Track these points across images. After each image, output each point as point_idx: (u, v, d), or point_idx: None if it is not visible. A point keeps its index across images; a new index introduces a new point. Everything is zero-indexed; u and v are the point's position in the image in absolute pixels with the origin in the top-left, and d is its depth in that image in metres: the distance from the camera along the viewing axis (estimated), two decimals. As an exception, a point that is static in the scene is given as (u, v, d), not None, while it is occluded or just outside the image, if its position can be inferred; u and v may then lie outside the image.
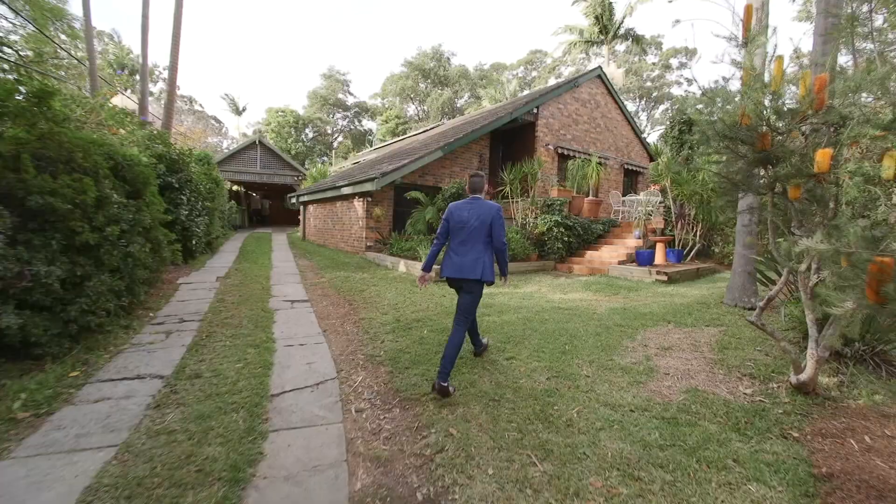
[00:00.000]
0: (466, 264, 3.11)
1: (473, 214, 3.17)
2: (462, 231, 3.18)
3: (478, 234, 3.14)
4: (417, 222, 8.82)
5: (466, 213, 3.19)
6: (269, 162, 19.14)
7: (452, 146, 9.75)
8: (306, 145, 39.97)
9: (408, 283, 6.84)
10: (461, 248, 3.17)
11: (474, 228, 3.13)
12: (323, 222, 12.66)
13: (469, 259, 3.11)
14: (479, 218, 3.14)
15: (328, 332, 4.52)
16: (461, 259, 3.14)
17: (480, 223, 3.14)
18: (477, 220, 3.14)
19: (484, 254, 3.13)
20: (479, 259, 3.11)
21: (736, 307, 5.20)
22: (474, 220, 3.14)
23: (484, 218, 3.14)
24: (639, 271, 7.50)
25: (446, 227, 3.29)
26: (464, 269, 3.12)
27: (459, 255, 3.16)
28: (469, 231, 3.15)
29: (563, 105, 12.20)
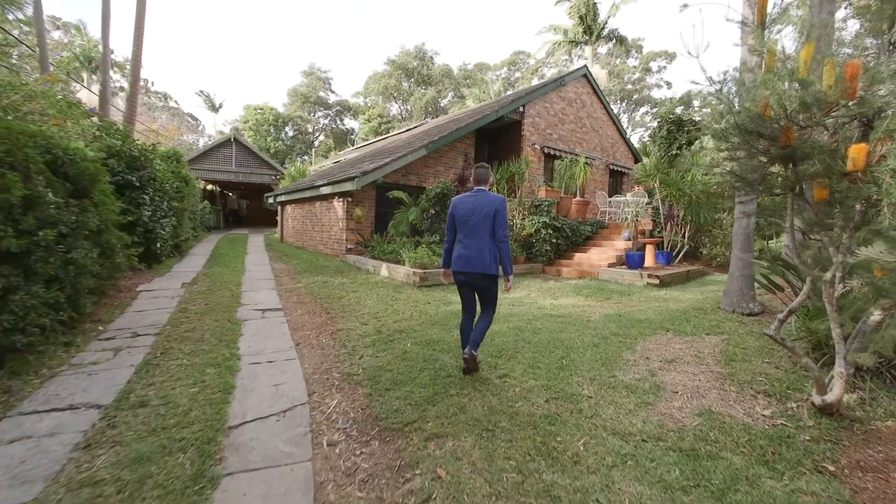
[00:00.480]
0: (473, 257, 3.10)
1: (477, 206, 3.13)
2: (466, 224, 3.16)
3: (482, 226, 3.11)
4: (400, 223, 8.42)
5: (470, 206, 3.16)
6: (245, 160, 18.36)
7: (437, 144, 9.38)
8: (286, 144, 38.97)
9: (390, 289, 6.44)
10: (467, 241, 3.15)
11: (478, 221, 3.11)
12: (301, 223, 12.12)
13: (475, 252, 3.10)
14: (483, 210, 3.11)
15: (301, 345, 4.09)
16: (468, 252, 3.12)
17: (484, 215, 3.10)
18: (480, 212, 3.11)
19: (490, 246, 3.11)
20: (484, 252, 3.08)
21: (734, 313, 4.99)
22: (478, 213, 3.11)
23: (487, 210, 3.10)
24: (629, 274, 7.28)
25: (452, 221, 3.29)
26: (471, 263, 3.10)
27: (466, 249, 3.14)
28: (473, 224, 3.12)
29: (550, 104, 11.98)
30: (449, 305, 5.52)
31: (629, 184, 15.67)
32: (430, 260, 6.99)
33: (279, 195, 13.01)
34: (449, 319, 4.80)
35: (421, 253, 7.07)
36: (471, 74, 44.08)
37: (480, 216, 3.11)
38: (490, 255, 3.10)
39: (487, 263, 3.08)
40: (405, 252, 7.35)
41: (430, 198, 8.21)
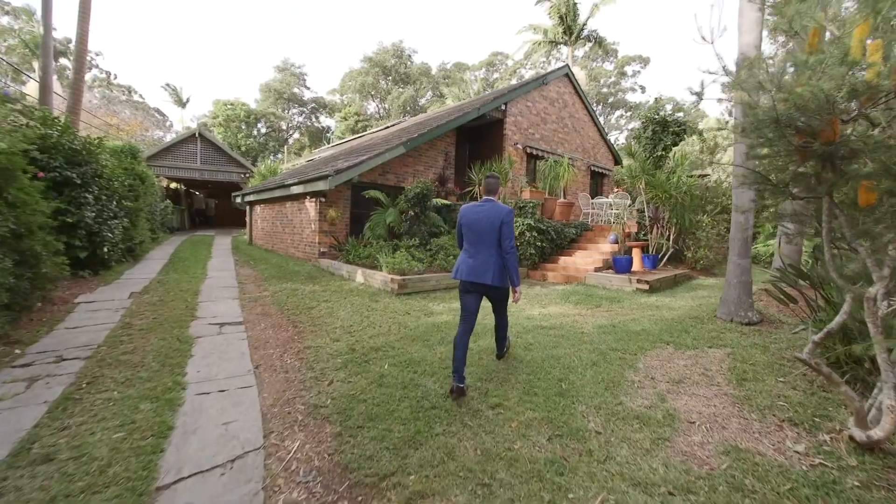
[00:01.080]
0: (478, 267, 3.11)
1: (483, 217, 3.14)
2: (473, 233, 3.18)
3: (488, 237, 3.11)
4: (377, 226, 7.89)
5: (477, 216, 3.17)
6: (212, 157, 17.29)
7: (416, 142, 8.90)
8: (259, 142, 37.55)
9: (366, 298, 5.92)
10: (473, 251, 3.18)
11: (484, 231, 3.11)
12: (271, 225, 11.39)
13: (480, 262, 3.11)
14: (489, 220, 3.11)
15: (262, 368, 3.55)
16: (474, 262, 3.14)
17: (490, 226, 3.10)
18: (487, 222, 3.11)
19: (495, 257, 3.12)
20: (490, 263, 3.09)
21: (732, 322, 4.73)
22: (484, 223, 3.12)
23: (493, 220, 3.10)
24: (617, 279, 7.00)
25: (460, 230, 3.32)
26: (476, 272, 3.11)
27: (473, 258, 3.16)
28: (479, 234, 3.14)
29: (532, 103, 11.69)
30: (430, 316, 5.06)
31: (609, 185, 15.61)
32: (409, 265, 6.50)
33: (247, 194, 12.21)
34: (431, 334, 4.34)
35: (399, 258, 6.58)
36: (450, 74, 43.71)
37: (487, 226, 3.10)
38: (496, 267, 3.10)
39: (492, 276, 3.08)
40: (382, 257, 6.84)
41: (409, 198, 7.71)
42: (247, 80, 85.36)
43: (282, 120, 42.10)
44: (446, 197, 10.13)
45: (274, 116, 39.51)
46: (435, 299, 6.00)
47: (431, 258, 7.24)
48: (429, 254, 7.34)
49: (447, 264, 6.93)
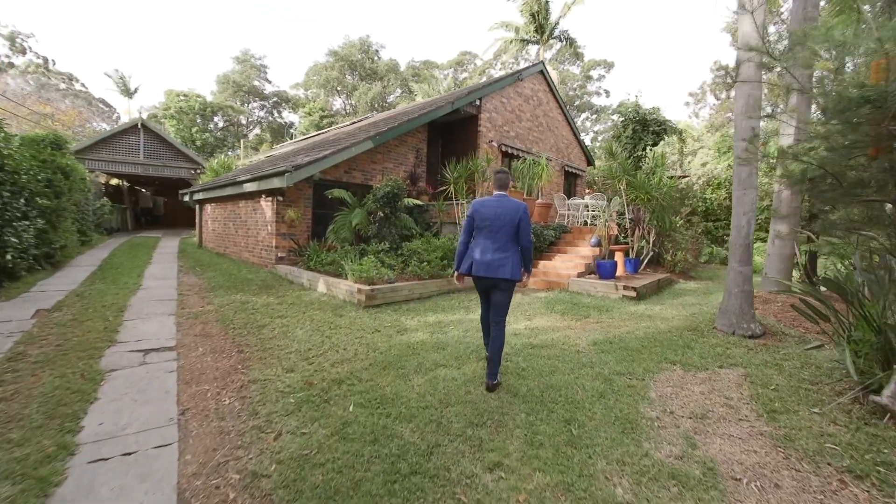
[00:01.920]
0: (495, 263, 3.08)
1: (500, 212, 3.13)
2: (488, 229, 3.15)
3: (506, 231, 3.11)
4: (341, 228, 7.10)
5: (493, 211, 3.15)
6: (158, 150, 15.65)
7: (385, 136, 8.17)
8: (215, 136, 35.28)
9: (328, 311, 5.16)
10: (489, 246, 3.13)
11: (502, 226, 3.11)
12: (223, 226, 10.29)
13: (498, 257, 3.09)
14: (507, 216, 3.11)
15: (191, 414, 2.77)
16: (491, 257, 3.10)
17: (509, 221, 3.10)
18: (504, 217, 3.11)
19: (513, 252, 3.13)
20: (508, 257, 3.10)
21: (734, 335, 4.35)
22: (502, 218, 3.11)
23: (512, 216, 3.11)
24: (602, 286, 6.58)
25: (471, 224, 3.27)
26: (492, 268, 3.09)
27: (489, 253, 3.12)
28: (496, 229, 3.12)
29: (507, 99, 11.21)
30: (404, 334, 4.38)
31: (583, 186, 15.45)
32: (378, 273, 5.79)
33: (196, 192, 11.00)
34: (405, 358, 3.67)
35: (367, 264, 5.85)
36: (419, 72, 42.96)
37: (505, 222, 3.10)
38: (513, 260, 3.11)
39: (510, 269, 3.08)
40: (347, 263, 6.08)
41: (377, 198, 6.98)
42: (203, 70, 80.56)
43: (241, 114, 39.86)
44: (418, 197, 9.46)
45: (232, 110, 37.27)
46: (408, 312, 5.32)
47: (403, 264, 6.56)
48: (400, 260, 6.65)
49: (421, 271, 6.26)
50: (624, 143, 8.84)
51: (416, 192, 9.56)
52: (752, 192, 4.36)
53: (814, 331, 4.46)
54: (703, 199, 12.21)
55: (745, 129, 4.37)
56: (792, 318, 4.86)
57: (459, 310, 5.57)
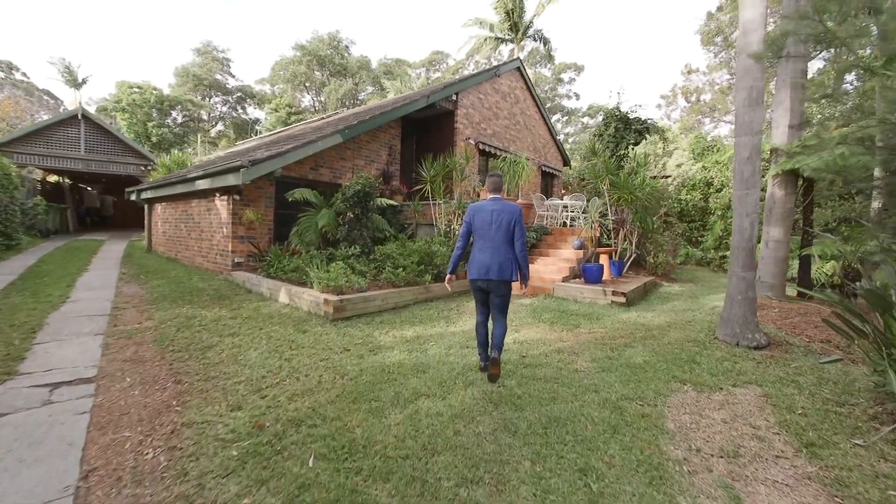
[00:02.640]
0: (493, 266, 3.13)
1: (496, 215, 3.18)
2: (486, 232, 3.19)
3: (503, 235, 3.16)
4: (306, 231, 6.41)
5: (489, 215, 3.20)
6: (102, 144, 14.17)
7: (356, 130, 7.53)
8: (173, 132, 33.15)
9: (289, 327, 4.50)
10: (487, 248, 3.18)
11: (498, 230, 3.16)
12: (175, 228, 9.31)
13: (496, 261, 3.13)
14: (503, 219, 3.16)
15: (96, 478, 2.12)
16: (489, 260, 3.14)
17: (505, 225, 3.15)
18: (500, 221, 3.16)
19: (510, 255, 3.17)
20: (506, 260, 3.14)
21: (739, 346, 4.03)
22: (497, 222, 3.16)
23: (508, 220, 3.16)
24: (590, 291, 6.21)
25: (468, 229, 3.33)
26: (491, 271, 3.13)
27: (486, 256, 3.16)
28: (493, 232, 3.17)
29: (484, 95, 10.77)
30: (377, 354, 3.80)
31: (559, 186, 15.25)
32: (347, 281, 5.16)
33: (144, 190, 9.92)
34: (380, 386, 3.10)
35: (335, 271, 5.21)
36: (391, 69, 42.13)
37: (501, 226, 3.15)
38: (510, 263, 3.15)
39: (508, 271, 3.14)
40: (313, 270, 5.43)
41: (346, 197, 6.33)
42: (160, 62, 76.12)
43: (202, 109, 37.74)
44: (391, 196, 8.86)
45: (192, 104, 35.14)
46: (382, 325, 4.73)
47: (376, 271, 5.95)
48: (373, 265, 6.04)
49: (396, 278, 5.67)
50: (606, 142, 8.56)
51: (389, 191, 8.95)
52: (755, 191, 4.05)
53: (817, 339, 4.21)
54: (677, 201, 12.20)
55: (747, 123, 4.05)
56: (791, 325, 4.61)
57: (439, 321, 5.03)
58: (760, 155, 4.05)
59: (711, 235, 10.54)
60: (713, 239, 10.59)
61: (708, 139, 13.35)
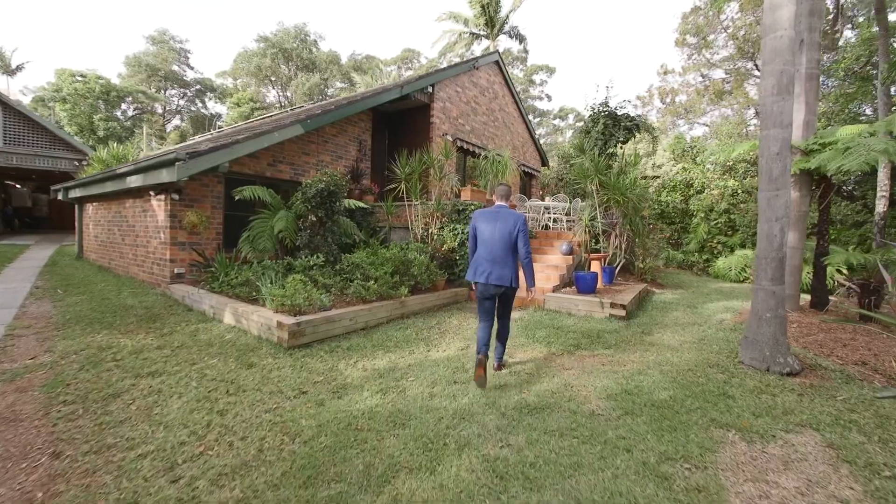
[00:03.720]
0: (495, 272, 3.23)
1: (499, 224, 3.27)
2: (491, 239, 3.27)
3: (505, 242, 3.24)
4: (259, 237, 5.47)
5: (492, 224, 3.30)
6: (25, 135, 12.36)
7: (320, 121, 6.64)
8: (123, 125, 30.65)
9: (233, 359, 3.61)
10: (490, 256, 3.27)
11: (500, 238, 3.24)
12: (108, 232, 8.05)
13: (498, 267, 3.23)
14: (506, 227, 3.25)
15: None
16: (491, 267, 3.24)
17: (507, 233, 3.23)
18: (503, 229, 3.25)
19: (511, 261, 3.27)
20: (507, 267, 3.25)
21: (769, 372, 3.47)
22: (500, 230, 3.25)
23: (510, 228, 3.25)
24: (583, 302, 5.59)
25: (474, 236, 3.42)
26: (493, 277, 3.23)
27: (489, 263, 3.25)
28: (495, 240, 3.25)
29: (462, 89, 10.06)
30: (343, 397, 2.99)
31: (537, 187, 14.77)
32: (308, 298, 4.29)
33: (72, 188, 8.58)
34: (345, 452, 2.29)
35: (293, 286, 4.33)
36: (361, 65, 40.84)
37: (504, 233, 3.23)
38: (511, 269, 3.27)
39: (510, 277, 3.25)
40: (266, 284, 4.52)
41: (308, 197, 5.43)
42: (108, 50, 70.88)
43: (156, 101, 35.22)
44: (361, 196, 7.99)
45: (145, 96, 32.64)
46: (349, 353, 3.90)
47: (344, 283, 5.09)
48: (339, 277, 5.18)
49: (366, 292, 4.85)
50: (594, 140, 8.04)
51: (359, 190, 8.08)
52: (785, 192, 3.51)
53: (850, 361, 3.72)
54: (657, 202, 11.93)
55: (777, 113, 3.50)
56: (817, 344, 4.12)
57: (418, 344, 4.25)
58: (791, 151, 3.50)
59: (694, 238, 10.27)
60: (696, 242, 10.33)
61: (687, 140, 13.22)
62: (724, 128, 15.28)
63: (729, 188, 10.20)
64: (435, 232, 6.72)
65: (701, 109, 18.21)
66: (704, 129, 19.34)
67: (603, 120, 7.83)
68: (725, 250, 9.68)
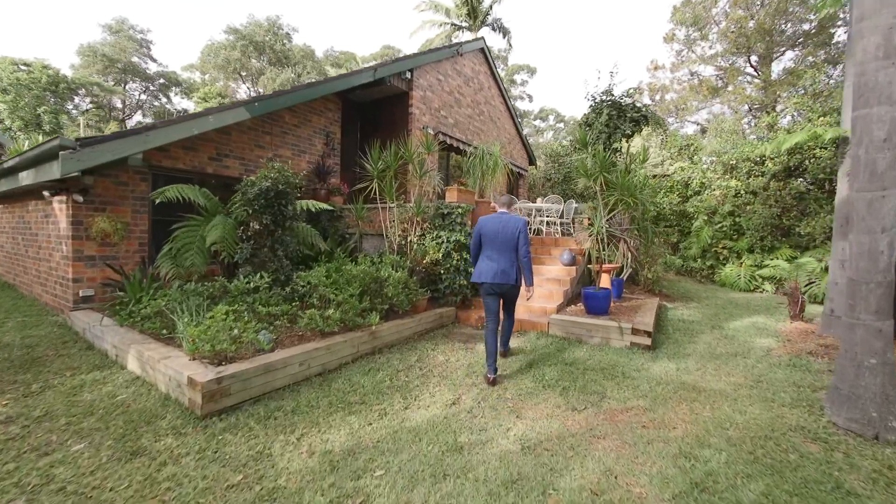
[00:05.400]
0: (500, 272, 3.57)
1: (501, 228, 3.62)
2: (495, 242, 3.62)
3: (508, 245, 3.60)
4: (186, 250, 4.22)
5: (497, 227, 3.64)
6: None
7: (270, 105, 5.44)
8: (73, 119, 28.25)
9: (112, 439, 2.41)
10: (496, 257, 3.61)
11: (505, 241, 3.60)
12: (12, 241, 6.58)
13: (503, 267, 3.58)
14: (509, 231, 3.60)
15: None
16: (497, 266, 3.58)
17: (511, 236, 3.59)
18: (507, 233, 3.60)
19: (513, 261, 3.63)
20: (509, 266, 3.60)
21: (877, 440, 2.51)
22: (504, 234, 3.60)
23: (512, 232, 3.60)
24: (599, 327, 4.58)
25: (479, 240, 3.76)
26: (498, 276, 3.56)
27: (495, 263, 3.60)
28: (502, 242, 3.60)
29: (444, 77, 8.97)
30: (265, 526, 1.84)
31: (525, 187, 13.83)
32: (239, 336, 3.10)
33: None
34: None
35: (217, 322, 3.13)
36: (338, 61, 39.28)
37: (508, 237, 3.59)
38: (514, 269, 3.62)
39: (514, 276, 3.60)
40: (183, 318, 3.31)
41: (250, 198, 4.22)
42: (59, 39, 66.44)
43: (113, 94, 32.79)
44: (328, 197, 6.81)
45: (100, 88, 30.25)
46: (294, 422, 2.75)
47: (295, 312, 3.91)
48: (289, 303, 4.00)
49: (326, 324, 3.69)
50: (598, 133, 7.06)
51: (325, 190, 6.89)
52: (894, 193, 2.56)
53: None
54: (653, 203, 11.14)
55: (883, 85, 2.56)
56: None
57: (392, 397, 3.14)
58: None
59: (697, 243, 9.47)
60: (698, 247, 9.54)
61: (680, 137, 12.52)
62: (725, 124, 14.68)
63: (732, 188, 9.46)
64: (415, 240, 5.61)
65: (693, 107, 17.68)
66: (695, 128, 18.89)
67: (607, 110, 6.89)
68: (732, 256, 8.91)
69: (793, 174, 8.92)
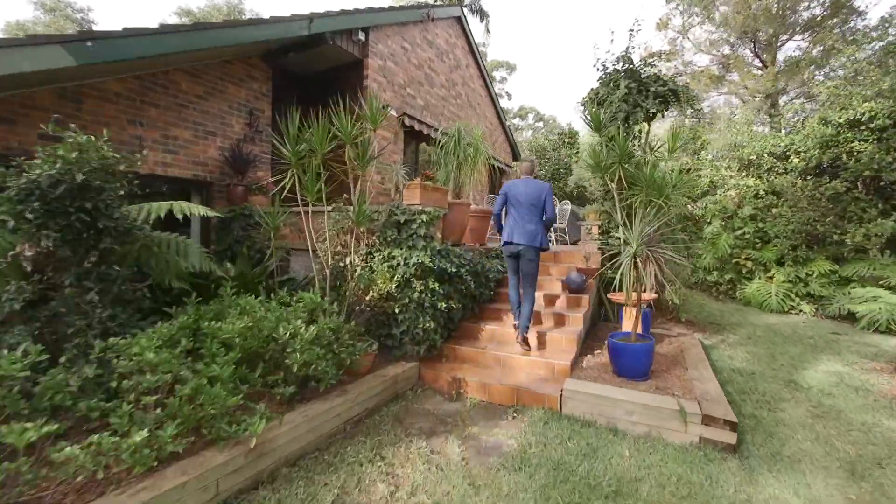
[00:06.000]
0: (527, 234, 3.67)
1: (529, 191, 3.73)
2: (520, 205, 3.73)
3: (535, 208, 3.71)
4: None
5: (523, 190, 3.75)
6: None
7: (120, 50, 3.47)
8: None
9: None
10: (521, 220, 3.70)
11: (531, 204, 3.70)
12: None
13: (529, 229, 3.68)
14: (536, 194, 3.71)
15: None
16: (523, 228, 3.68)
17: (536, 199, 3.71)
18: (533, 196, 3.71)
19: (539, 224, 3.73)
20: (537, 229, 3.70)
21: None
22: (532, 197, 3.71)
23: (538, 194, 3.73)
24: (640, 405, 2.87)
25: (504, 201, 3.88)
26: (524, 238, 3.66)
27: (521, 225, 3.69)
28: (527, 206, 3.70)
29: (411, 46, 7.14)
30: None
31: (508, 186, 12.16)
32: None
33: None
34: None
35: None
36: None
37: (533, 199, 3.70)
38: (539, 233, 3.71)
39: (538, 238, 3.69)
40: None
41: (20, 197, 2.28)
42: None
43: (49, 81, 29.28)
44: (246, 197, 4.91)
45: (31, 73, 26.86)
46: None
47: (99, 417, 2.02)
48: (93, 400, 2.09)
49: (137, 456, 1.81)
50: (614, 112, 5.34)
51: (241, 187, 4.97)
52: None
53: None
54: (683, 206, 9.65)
55: None
56: None
57: None
58: None
59: (713, 252, 8.00)
60: (713, 257, 8.07)
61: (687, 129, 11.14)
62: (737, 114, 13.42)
63: (751, 188, 8.05)
64: (358, 262, 3.75)
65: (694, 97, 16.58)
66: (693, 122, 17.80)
67: (625, 83, 5.24)
68: (758, 268, 7.48)
69: (824, 171, 7.58)
